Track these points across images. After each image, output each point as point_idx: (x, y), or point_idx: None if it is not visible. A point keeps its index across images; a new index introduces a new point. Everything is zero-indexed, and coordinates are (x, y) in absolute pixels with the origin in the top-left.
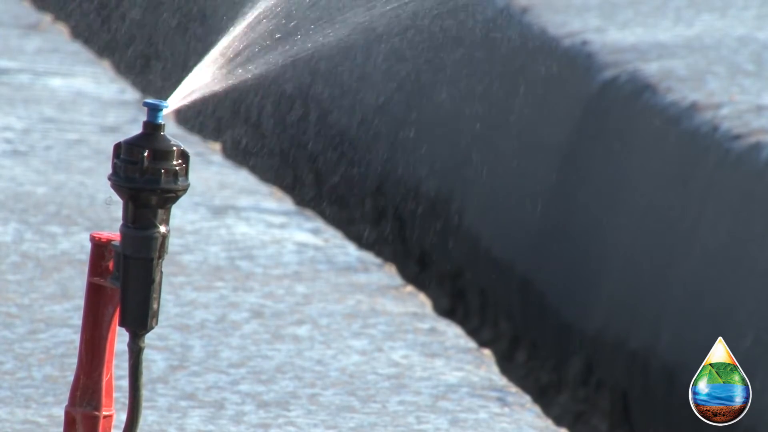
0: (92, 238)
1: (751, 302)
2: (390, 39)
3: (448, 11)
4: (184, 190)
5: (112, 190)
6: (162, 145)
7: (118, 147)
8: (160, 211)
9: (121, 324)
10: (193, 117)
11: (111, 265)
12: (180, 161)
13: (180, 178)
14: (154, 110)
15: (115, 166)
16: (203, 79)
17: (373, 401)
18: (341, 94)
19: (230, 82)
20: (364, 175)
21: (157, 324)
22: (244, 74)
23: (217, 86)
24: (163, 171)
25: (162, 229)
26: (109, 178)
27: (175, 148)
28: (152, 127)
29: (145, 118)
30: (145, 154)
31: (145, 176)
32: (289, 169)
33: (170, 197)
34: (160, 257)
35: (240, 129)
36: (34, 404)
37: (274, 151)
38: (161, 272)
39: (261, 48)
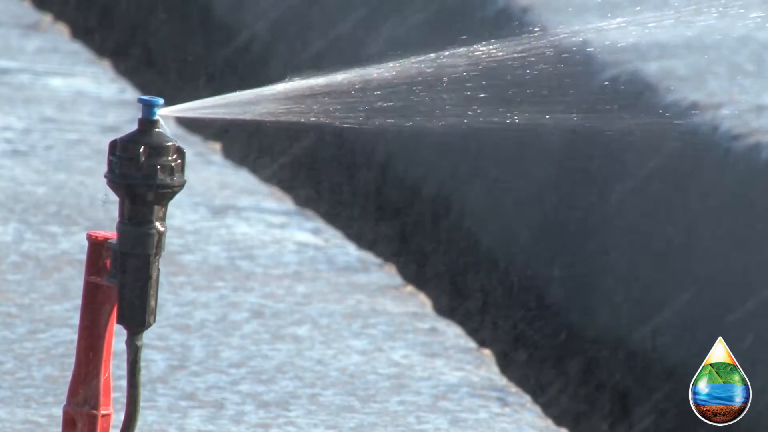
0: (89, 237)
1: (751, 302)
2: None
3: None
4: (181, 186)
5: (108, 188)
6: (157, 141)
7: (113, 144)
8: (157, 208)
9: (119, 321)
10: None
11: (108, 263)
12: (176, 157)
13: (176, 174)
14: (149, 106)
15: (111, 163)
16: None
17: (374, 401)
18: None
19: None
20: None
21: (155, 321)
22: None
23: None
24: (159, 167)
25: (159, 225)
26: (106, 176)
27: (170, 144)
28: (147, 124)
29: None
30: (141, 150)
31: (141, 172)
32: None
33: (166, 193)
34: (157, 254)
35: None
36: (34, 404)
37: None
38: (158, 269)
39: None
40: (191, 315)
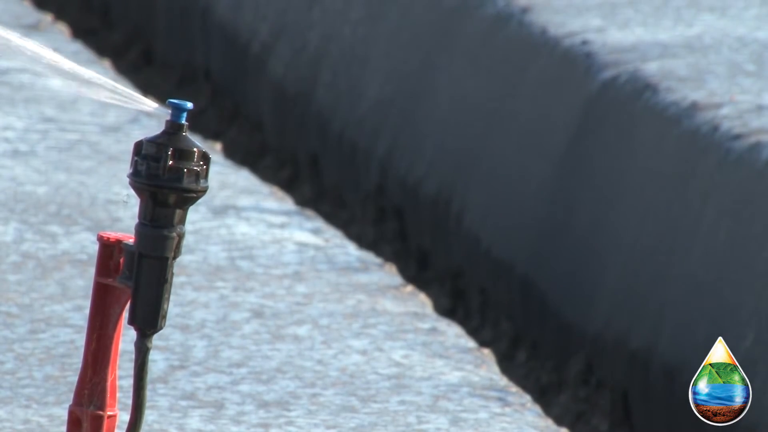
0: (100, 238)
1: (751, 302)
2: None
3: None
4: (204, 191)
5: (121, 190)
6: (185, 145)
7: (139, 144)
8: (179, 211)
9: (131, 322)
10: None
11: (120, 264)
12: (201, 162)
13: (201, 180)
14: (178, 110)
15: (136, 164)
16: None
17: (374, 401)
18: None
19: None
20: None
21: (165, 325)
22: None
23: None
24: (185, 171)
25: (179, 228)
26: (129, 176)
27: (196, 150)
28: (175, 127)
29: (168, 118)
30: (169, 153)
31: (167, 175)
32: None
33: (190, 197)
34: (175, 257)
35: None
36: (35, 404)
37: None
38: (173, 273)
39: None
40: (191, 315)
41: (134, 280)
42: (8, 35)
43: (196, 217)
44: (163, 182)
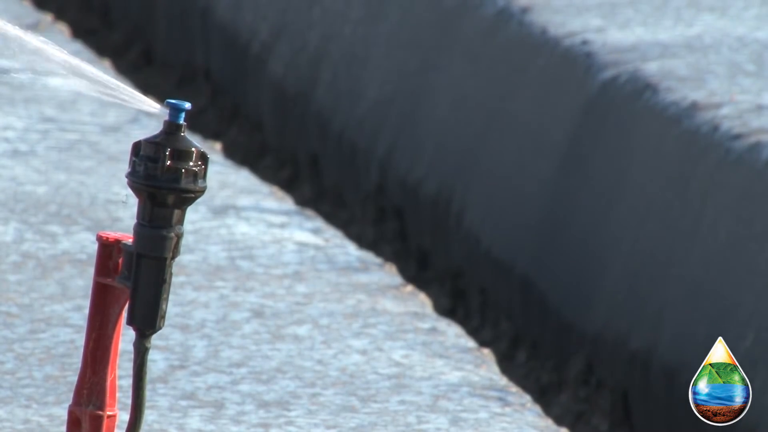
0: (99, 238)
1: (751, 302)
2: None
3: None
4: (202, 191)
5: (121, 190)
6: (183, 145)
7: (137, 145)
8: (177, 212)
9: (129, 323)
10: None
11: (119, 264)
12: (200, 163)
13: (199, 180)
14: (176, 110)
15: (134, 164)
16: None
17: (374, 401)
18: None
19: None
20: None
21: (164, 326)
22: None
23: None
24: (183, 171)
25: (177, 229)
26: (127, 176)
27: (194, 150)
28: (174, 127)
29: (166, 118)
30: (167, 153)
31: (165, 175)
32: None
33: (188, 198)
34: (173, 257)
35: None
36: (35, 404)
37: None
38: (171, 273)
39: None
40: (191, 315)
41: (133, 281)
42: (15, 31)
43: (195, 217)
44: (161, 183)
